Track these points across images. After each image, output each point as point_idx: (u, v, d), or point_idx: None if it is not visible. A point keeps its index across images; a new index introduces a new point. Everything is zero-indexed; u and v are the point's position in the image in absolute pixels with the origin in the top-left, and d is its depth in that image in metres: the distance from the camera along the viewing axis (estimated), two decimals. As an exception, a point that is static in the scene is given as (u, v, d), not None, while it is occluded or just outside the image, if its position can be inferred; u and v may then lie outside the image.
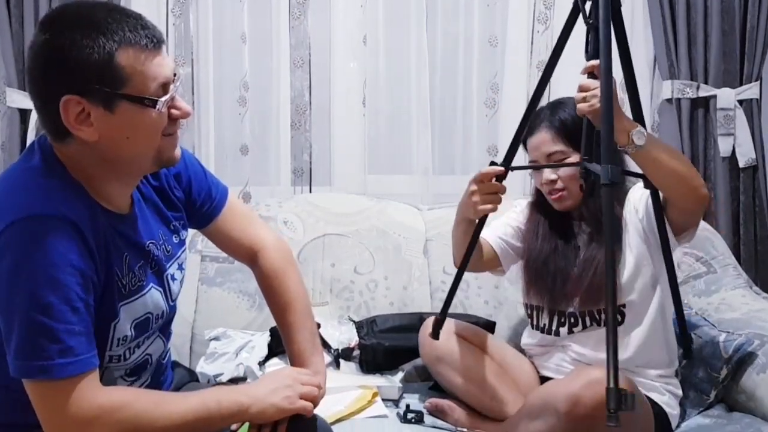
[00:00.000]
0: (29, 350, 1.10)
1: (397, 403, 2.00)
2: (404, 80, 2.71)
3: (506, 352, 2.02)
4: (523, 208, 2.03)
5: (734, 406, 1.92)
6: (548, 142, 1.85)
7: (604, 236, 1.78)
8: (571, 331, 1.89)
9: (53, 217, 1.12)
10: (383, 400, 1.97)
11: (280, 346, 2.01)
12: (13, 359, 1.12)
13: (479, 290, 2.32)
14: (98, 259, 1.17)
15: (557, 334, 1.91)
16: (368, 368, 2.09)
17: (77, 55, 1.10)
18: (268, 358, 2.04)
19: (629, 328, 1.83)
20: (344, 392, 1.94)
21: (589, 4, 1.57)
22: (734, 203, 2.65)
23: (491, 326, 2.18)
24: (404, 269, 2.36)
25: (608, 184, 1.45)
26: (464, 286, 2.30)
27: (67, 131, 1.15)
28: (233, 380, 1.99)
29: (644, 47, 2.67)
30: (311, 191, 2.71)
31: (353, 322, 2.21)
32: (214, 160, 2.68)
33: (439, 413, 1.94)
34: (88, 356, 1.13)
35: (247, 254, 1.51)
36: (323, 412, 1.41)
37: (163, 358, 1.42)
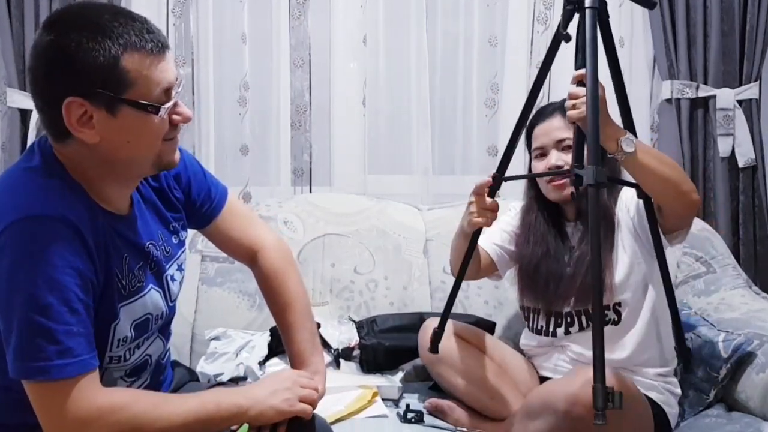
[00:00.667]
0: (28, 351, 1.10)
1: (397, 402, 2.01)
2: (404, 80, 2.71)
3: (505, 352, 2.02)
4: (517, 211, 2.04)
5: (733, 405, 1.92)
6: (562, 128, 1.87)
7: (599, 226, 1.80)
8: (567, 331, 1.89)
9: (52, 218, 1.12)
10: (383, 399, 1.97)
11: (280, 345, 2.01)
12: (12, 360, 1.11)
13: (479, 290, 2.32)
14: (97, 260, 1.17)
15: (554, 335, 1.92)
16: (368, 368, 2.10)
17: (83, 57, 1.10)
18: (268, 357, 2.04)
19: (626, 327, 1.83)
20: (344, 392, 1.94)
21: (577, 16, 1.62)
22: (733, 203, 2.65)
23: (491, 326, 2.18)
24: (404, 269, 2.36)
25: (593, 184, 1.48)
26: (464, 286, 2.30)
27: (67, 132, 1.15)
28: (233, 380, 1.99)
29: (644, 47, 2.68)
30: (311, 191, 2.71)
31: (353, 321, 2.21)
32: (214, 160, 2.69)
33: (439, 413, 1.94)
34: (87, 357, 1.13)
35: (246, 254, 1.52)
36: (323, 411, 1.41)
37: (162, 358, 1.42)
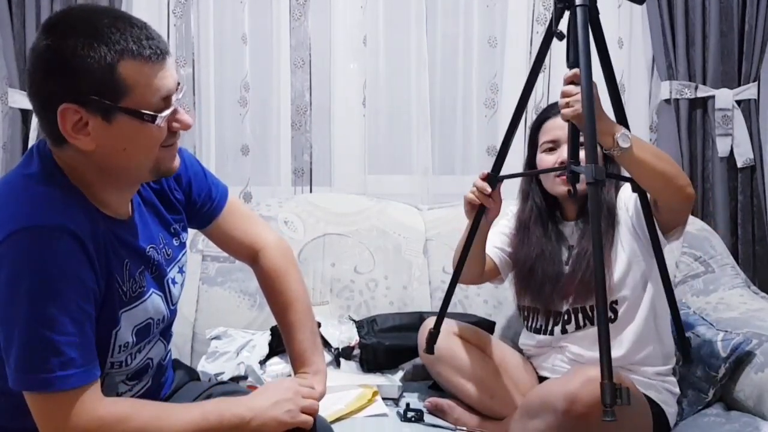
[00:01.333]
0: (30, 363, 1.09)
1: (397, 402, 2.01)
2: (404, 80, 2.72)
3: (505, 351, 2.02)
4: (514, 213, 2.04)
5: (732, 405, 1.93)
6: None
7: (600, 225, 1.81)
8: (564, 329, 1.90)
9: (53, 227, 1.10)
10: (383, 399, 1.98)
11: (280, 345, 2.02)
12: (13, 371, 1.10)
13: (479, 290, 2.33)
14: (98, 267, 1.16)
15: (551, 333, 1.92)
16: (368, 367, 2.10)
17: (78, 63, 1.08)
18: (268, 357, 2.05)
19: (622, 324, 1.84)
20: (344, 391, 1.95)
21: (567, 14, 1.61)
22: (732, 203, 2.66)
23: (491, 326, 2.19)
24: (404, 269, 2.37)
25: (593, 182, 1.49)
26: (464, 285, 2.30)
27: (64, 138, 1.12)
28: (234, 379, 1.99)
29: (642, 48, 2.68)
30: (311, 191, 2.71)
31: (353, 321, 2.22)
32: (214, 160, 2.69)
33: (438, 412, 1.95)
34: (89, 368, 1.12)
35: (248, 254, 1.51)
36: (323, 411, 1.42)
37: (164, 360, 1.42)
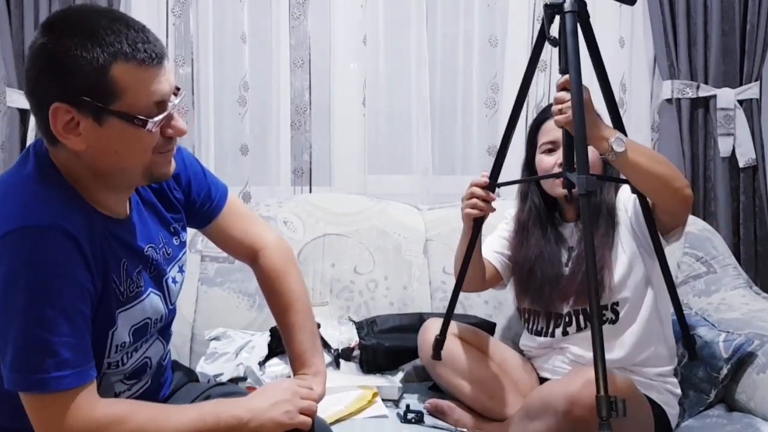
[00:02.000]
0: (25, 363, 1.08)
1: (397, 403, 2.01)
2: (404, 80, 2.71)
3: (505, 353, 2.02)
4: (512, 216, 2.03)
5: (734, 406, 1.93)
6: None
7: (597, 230, 1.82)
8: (565, 331, 1.89)
9: (48, 227, 1.09)
10: (383, 400, 1.97)
11: (280, 346, 2.01)
12: (8, 372, 1.09)
13: (479, 290, 2.32)
14: (95, 268, 1.15)
15: (552, 335, 1.92)
16: (368, 368, 2.10)
17: (71, 63, 1.07)
18: (268, 358, 2.04)
19: (624, 326, 1.83)
20: (344, 392, 1.94)
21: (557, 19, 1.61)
22: (734, 203, 2.65)
23: (491, 327, 2.18)
24: (404, 269, 2.36)
25: (584, 194, 1.49)
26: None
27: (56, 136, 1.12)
28: (233, 380, 1.99)
29: (644, 47, 2.68)
30: (311, 191, 2.71)
31: (353, 322, 2.21)
32: (214, 160, 2.69)
33: (439, 414, 1.94)
34: (85, 368, 1.12)
35: (247, 254, 1.51)
36: (323, 412, 1.41)
37: (163, 359, 1.41)
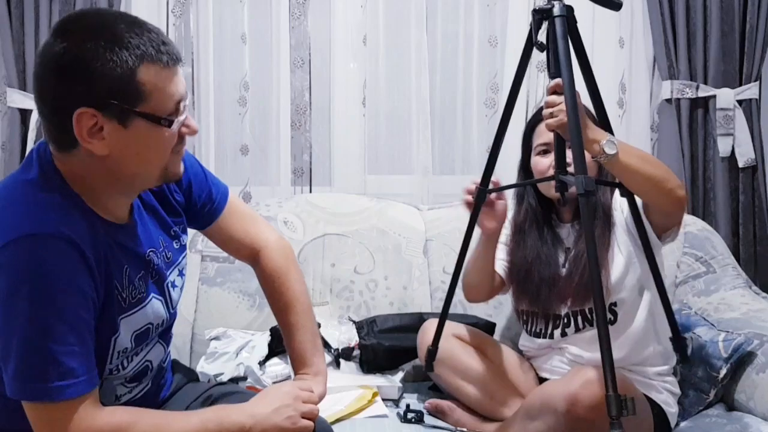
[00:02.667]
0: (28, 372, 1.08)
1: (397, 402, 2.01)
2: (404, 80, 2.71)
3: (505, 353, 2.02)
4: (509, 218, 2.03)
5: (733, 405, 1.93)
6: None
7: (594, 231, 1.81)
8: (564, 333, 1.89)
9: (52, 235, 1.09)
10: (383, 399, 1.97)
11: (280, 345, 2.01)
12: (11, 380, 1.09)
13: (479, 290, 2.32)
14: (98, 275, 1.15)
15: (551, 336, 1.92)
16: (368, 368, 2.10)
17: (99, 67, 1.07)
18: (268, 357, 2.04)
19: (622, 326, 1.84)
20: (344, 392, 1.94)
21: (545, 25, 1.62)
22: (733, 203, 2.66)
23: (491, 327, 2.18)
24: (404, 269, 2.36)
25: (584, 193, 1.50)
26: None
27: (74, 142, 1.11)
28: (234, 380, 1.99)
29: (644, 47, 2.68)
30: (311, 191, 2.71)
31: (353, 322, 2.21)
32: (214, 160, 2.69)
33: (439, 413, 1.94)
34: (87, 377, 1.12)
35: (248, 254, 1.51)
36: (323, 411, 1.41)
37: (163, 362, 1.41)
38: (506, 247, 2.01)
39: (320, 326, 2.00)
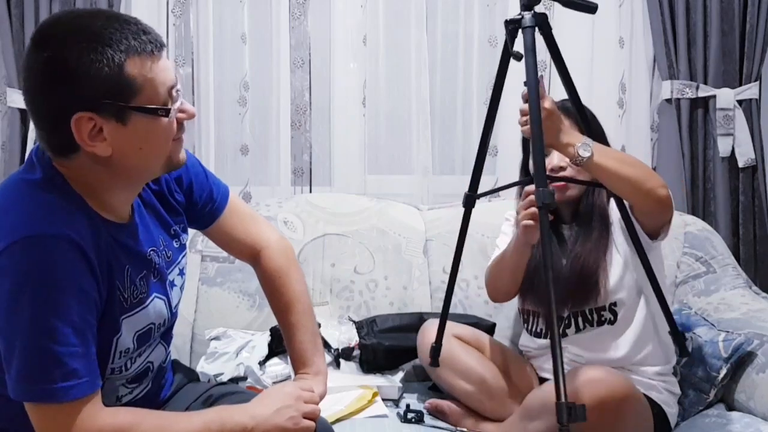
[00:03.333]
0: (31, 374, 1.08)
1: (397, 402, 2.01)
2: (404, 80, 2.71)
3: (505, 353, 2.02)
4: (514, 217, 2.03)
5: (733, 405, 1.93)
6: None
7: (592, 232, 1.84)
8: (564, 333, 1.89)
9: (54, 236, 1.09)
10: (383, 399, 1.97)
11: (280, 345, 2.02)
12: (14, 382, 1.10)
13: (479, 290, 2.32)
14: (100, 275, 1.15)
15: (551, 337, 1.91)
16: (368, 368, 2.10)
17: (86, 70, 1.06)
18: (268, 357, 2.04)
19: (622, 326, 1.84)
20: (344, 392, 1.94)
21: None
22: (733, 203, 2.66)
23: (491, 327, 2.18)
24: (404, 269, 2.36)
25: (541, 206, 1.50)
26: (464, 285, 2.30)
27: (76, 147, 1.11)
28: (234, 380, 1.99)
29: (644, 47, 2.68)
30: (311, 191, 2.71)
31: (353, 322, 2.21)
32: (214, 160, 2.69)
33: (438, 413, 1.94)
34: (90, 378, 1.12)
35: (249, 254, 1.51)
36: (324, 411, 1.41)
37: (164, 362, 1.41)
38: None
39: (320, 326, 2.00)
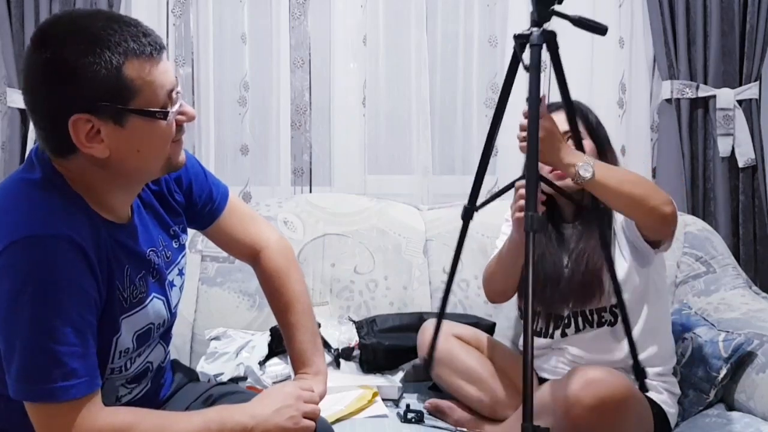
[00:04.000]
0: (32, 374, 1.08)
1: (397, 402, 2.01)
2: (404, 80, 2.71)
3: (504, 353, 2.02)
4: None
5: (734, 405, 1.93)
6: (565, 122, 1.83)
7: (594, 231, 1.81)
8: (564, 333, 1.89)
9: (54, 236, 1.09)
10: (383, 399, 1.97)
11: (280, 345, 2.01)
12: (14, 381, 1.09)
13: (479, 290, 2.31)
14: (100, 275, 1.15)
15: (551, 336, 1.92)
16: (368, 368, 2.10)
17: (84, 72, 1.06)
18: (268, 357, 2.04)
19: (622, 328, 1.83)
20: (344, 392, 1.94)
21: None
22: (733, 203, 2.66)
23: (491, 327, 2.18)
24: (404, 269, 2.36)
25: (529, 232, 1.48)
26: (464, 285, 2.31)
27: (73, 148, 1.11)
28: (234, 380, 1.99)
29: (644, 47, 2.68)
30: (311, 191, 2.71)
31: (353, 321, 2.21)
32: (214, 160, 2.69)
33: (438, 413, 1.95)
34: (90, 378, 1.12)
35: (249, 254, 1.51)
36: (323, 411, 1.41)
37: (163, 362, 1.41)
38: None
39: (320, 326, 2.00)
